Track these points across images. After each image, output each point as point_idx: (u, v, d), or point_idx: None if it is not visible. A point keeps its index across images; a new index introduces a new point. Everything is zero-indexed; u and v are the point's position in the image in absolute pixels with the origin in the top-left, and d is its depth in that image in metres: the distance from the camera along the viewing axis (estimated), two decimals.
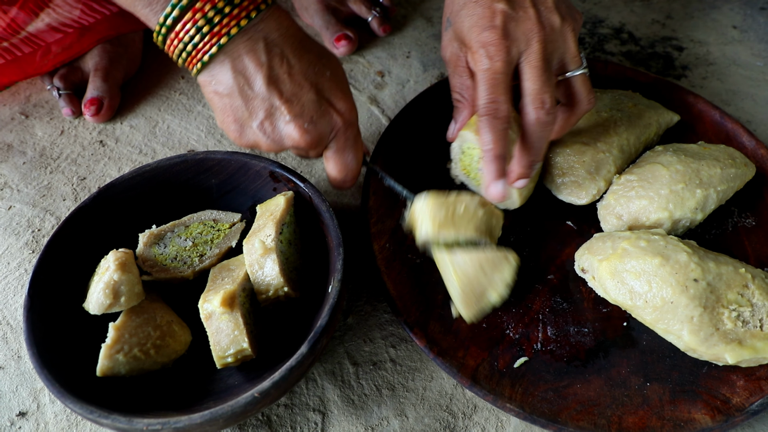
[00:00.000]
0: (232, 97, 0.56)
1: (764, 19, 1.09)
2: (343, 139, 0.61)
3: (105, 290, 0.55)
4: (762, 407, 0.56)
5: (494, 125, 0.60)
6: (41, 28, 0.79)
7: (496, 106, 0.60)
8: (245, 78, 0.55)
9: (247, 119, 0.57)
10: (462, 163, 0.72)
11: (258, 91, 0.56)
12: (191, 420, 0.48)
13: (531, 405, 0.57)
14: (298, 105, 0.57)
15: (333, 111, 0.59)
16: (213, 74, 0.56)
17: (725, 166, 0.68)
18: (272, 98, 0.56)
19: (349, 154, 0.62)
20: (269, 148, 0.59)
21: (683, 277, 0.57)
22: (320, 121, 0.58)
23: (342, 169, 0.63)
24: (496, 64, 0.60)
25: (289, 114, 0.57)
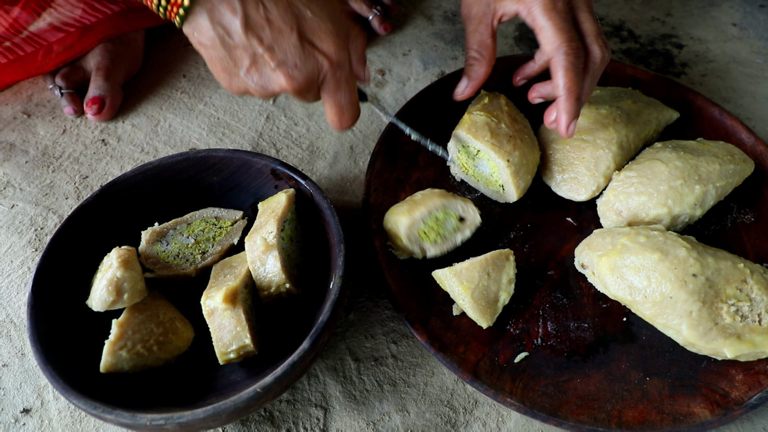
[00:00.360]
0: (215, 48, 0.55)
1: (764, 16, 1.09)
2: (333, 81, 0.59)
3: (108, 287, 0.55)
4: (760, 401, 0.57)
5: (576, 66, 0.61)
6: (43, 27, 0.80)
7: (576, 45, 0.61)
8: (223, 28, 0.54)
9: (233, 68, 0.56)
10: (460, 161, 0.72)
11: (238, 41, 0.54)
12: (194, 415, 0.49)
13: (531, 399, 0.57)
14: (281, 52, 0.55)
15: (318, 53, 0.57)
16: (194, 25, 0.54)
17: (724, 162, 0.69)
18: (254, 46, 0.55)
19: (342, 95, 0.60)
20: (260, 95, 0.58)
21: (682, 273, 0.58)
22: (305, 66, 0.56)
23: (337, 110, 0.61)
24: (558, 4, 0.61)
25: (272, 61, 0.55)
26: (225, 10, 0.53)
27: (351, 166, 0.81)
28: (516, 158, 0.68)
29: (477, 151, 0.69)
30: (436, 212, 0.66)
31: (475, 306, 0.60)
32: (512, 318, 0.63)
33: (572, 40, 0.61)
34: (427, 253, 0.65)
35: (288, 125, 0.86)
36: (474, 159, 0.70)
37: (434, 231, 0.66)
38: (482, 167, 0.70)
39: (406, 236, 0.64)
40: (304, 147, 0.83)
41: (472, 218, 0.66)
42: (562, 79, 0.61)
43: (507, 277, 0.62)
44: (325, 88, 0.60)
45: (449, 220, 0.66)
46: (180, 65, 0.94)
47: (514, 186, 0.68)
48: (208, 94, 0.90)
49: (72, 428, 0.59)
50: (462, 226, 0.66)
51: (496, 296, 0.61)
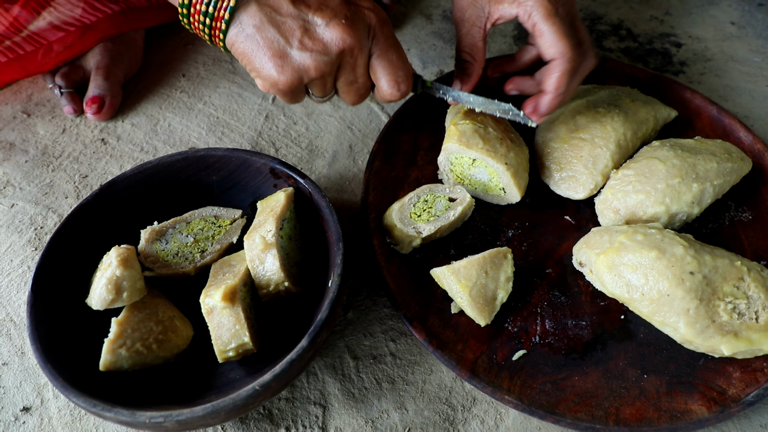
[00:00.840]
0: (264, 29, 0.56)
1: (762, 15, 1.09)
2: (382, 37, 0.59)
3: (107, 286, 0.55)
4: (758, 398, 0.57)
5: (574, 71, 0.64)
6: (43, 26, 0.80)
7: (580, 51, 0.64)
8: (270, 7, 0.55)
9: (284, 46, 0.56)
10: (454, 173, 0.72)
11: (287, 12, 0.56)
12: (193, 413, 0.49)
13: (529, 397, 0.57)
14: (329, 9, 0.56)
15: (362, 8, 0.59)
16: (240, 21, 0.56)
17: (721, 160, 0.69)
18: (302, 13, 0.56)
19: (394, 52, 0.61)
20: (318, 65, 0.57)
21: (679, 270, 0.58)
22: (355, 17, 0.57)
23: (393, 70, 0.61)
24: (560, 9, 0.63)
25: (323, 18, 0.56)
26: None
27: (350, 164, 0.81)
28: (512, 159, 0.68)
29: (473, 161, 0.69)
30: (423, 195, 0.68)
31: (473, 304, 0.60)
32: (510, 316, 0.63)
33: (576, 46, 0.63)
34: (422, 232, 0.66)
35: (287, 124, 0.86)
36: (470, 168, 0.70)
37: (426, 212, 0.67)
38: (479, 175, 0.70)
39: (398, 219, 0.65)
40: (303, 146, 0.83)
41: (462, 197, 0.68)
42: (557, 80, 0.63)
43: (505, 276, 0.62)
44: (376, 49, 0.60)
45: (439, 201, 0.68)
46: (179, 65, 0.94)
47: (516, 187, 0.69)
48: (207, 93, 0.90)
49: (72, 426, 0.59)
50: (453, 204, 0.68)
51: (494, 294, 0.61)
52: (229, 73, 0.93)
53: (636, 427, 0.55)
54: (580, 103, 0.76)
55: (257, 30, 0.56)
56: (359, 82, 0.62)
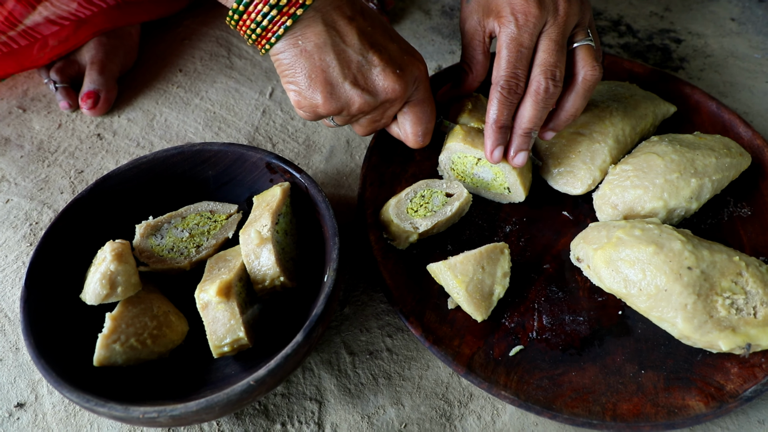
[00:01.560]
0: (324, 51, 0.56)
1: (762, 11, 1.09)
2: (423, 89, 0.63)
3: (102, 281, 0.55)
4: (755, 394, 0.57)
5: (508, 100, 0.62)
6: (38, 21, 0.80)
7: (516, 82, 0.61)
8: (337, 31, 0.56)
9: (338, 75, 0.57)
10: (454, 172, 0.72)
11: (351, 43, 0.56)
12: (187, 408, 0.48)
13: (526, 393, 0.57)
14: (387, 54, 0.58)
15: (415, 60, 0.61)
16: (300, 33, 0.55)
17: (720, 155, 0.68)
18: (364, 50, 0.57)
19: (428, 107, 0.64)
20: (362, 104, 0.59)
21: (677, 265, 0.57)
22: (407, 68, 0.59)
23: (423, 121, 0.64)
24: (523, 36, 0.60)
25: (381, 63, 0.58)
26: (339, 17, 0.56)
27: (347, 160, 0.81)
28: None
29: (477, 160, 0.69)
30: (420, 190, 0.68)
31: (469, 299, 0.60)
32: (507, 311, 0.63)
33: (512, 77, 0.61)
34: (418, 228, 0.65)
35: (284, 119, 0.85)
36: (473, 167, 0.70)
37: (423, 207, 0.67)
38: (483, 174, 0.70)
39: (395, 215, 0.65)
40: (300, 141, 0.83)
41: (459, 192, 0.67)
42: (491, 110, 0.62)
43: (502, 271, 0.62)
44: (414, 98, 0.63)
45: (436, 196, 0.67)
46: (176, 59, 0.94)
47: (522, 186, 0.68)
48: (204, 88, 0.90)
49: (66, 422, 0.59)
50: (450, 200, 0.67)
51: (491, 290, 0.61)
52: (226, 68, 0.93)
53: (633, 423, 0.55)
54: None
55: (318, 49, 0.56)
56: (382, 123, 0.65)
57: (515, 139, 0.64)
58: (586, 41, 0.64)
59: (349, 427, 0.58)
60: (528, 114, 0.62)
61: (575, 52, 0.64)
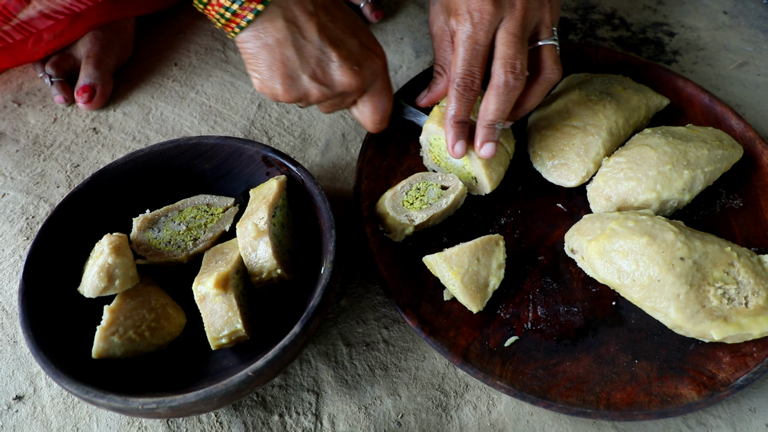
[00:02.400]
0: (284, 46, 0.58)
1: (754, 4, 1.09)
2: (381, 81, 0.65)
3: (99, 273, 0.55)
4: (747, 382, 0.58)
5: (465, 97, 0.64)
6: (33, 15, 0.79)
7: (471, 79, 0.63)
8: (297, 27, 0.58)
9: (298, 69, 0.59)
10: (432, 154, 0.72)
11: (311, 39, 0.58)
12: (186, 399, 0.49)
13: (521, 382, 0.58)
14: (345, 49, 0.60)
15: (374, 55, 0.63)
16: (261, 27, 0.57)
17: (712, 147, 0.69)
18: (323, 45, 0.59)
19: (385, 97, 0.67)
20: (319, 96, 0.62)
21: (670, 256, 0.58)
22: (365, 63, 0.62)
23: (380, 110, 0.67)
24: (478, 34, 0.62)
25: (339, 59, 0.60)
26: (300, 12, 0.58)
27: (343, 153, 0.81)
28: None
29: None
30: (416, 183, 0.68)
31: (465, 291, 0.60)
32: (502, 303, 0.64)
33: (468, 74, 0.63)
34: (414, 220, 0.65)
35: (280, 113, 0.86)
36: (446, 151, 0.70)
37: (418, 200, 0.67)
38: (454, 159, 0.70)
39: (391, 207, 0.66)
40: (296, 135, 0.83)
41: (455, 185, 0.68)
42: (450, 106, 0.64)
43: (497, 262, 0.62)
44: (372, 90, 0.65)
45: (431, 189, 0.68)
46: (171, 54, 0.94)
47: (486, 177, 0.68)
48: (199, 82, 0.90)
49: (65, 414, 0.59)
50: (445, 192, 0.68)
51: (486, 281, 0.61)
52: (222, 62, 0.93)
53: (627, 411, 0.56)
54: (572, 92, 0.76)
55: (278, 44, 0.58)
56: (342, 107, 0.68)
57: (479, 131, 0.65)
58: (550, 41, 0.66)
59: (346, 418, 0.59)
60: (491, 107, 0.64)
61: (539, 51, 0.66)
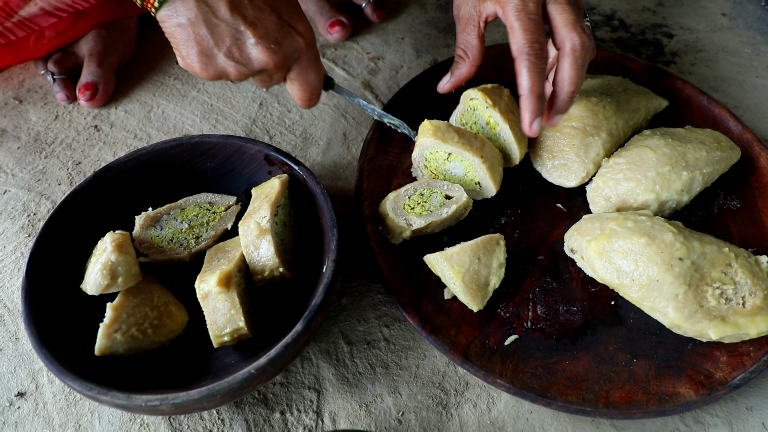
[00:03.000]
0: (196, 25, 0.57)
1: (753, 6, 1.10)
2: (305, 59, 0.63)
3: (102, 271, 0.56)
4: (744, 381, 0.58)
5: (538, 66, 0.62)
6: (35, 12, 0.79)
7: (539, 46, 0.62)
8: (208, 5, 0.56)
9: (212, 48, 0.58)
10: (428, 169, 0.72)
11: (222, 17, 0.57)
12: (189, 396, 0.49)
13: (521, 381, 0.58)
14: (262, 27, 0.58)
15: (294, 32, 0.61)
16: (173, 6, 0.56)
17: (711, 149, 0.70)
18: (236, 23, 0.57)
19: (312, 74, 0.64)
20: (238, 74, 0.60)
21: (668, 256, 0.59)
22: (284, 41, 0.60)
23: (307, 88, 0.64)
24: (529, 5, 0.62)
25: (254, 36, 0.58)
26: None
27: (344, 152, 0.81)
28: (487, 153, 0.68)
29: (448, 155, 0.69)
30: (421, 188, 0.68)
31: (465, 290, 0.61)
32: (503, 302, 0.64)
33: (535, 42, 0.62)
34: (412, 225, 0.66)
35: (281, 112, 0.86)
36: (445, 163, 0.70)
37: (420, 205, 0.67)
38: (455, 169, 0.70)
39: (391, 209, 0.66)
40: (297, 134, 0.83)
41: (459, 196, 0.67)
42: (524, 79, 0.62)
43: (497, 262, 0.63)
44: (296, 68, 0.63)
45: (435, 196, 0.68)
46: (173, 52, 0.94)
47: (492, 180, 0.68)
48: (201, 81, 0.90)
49: (67, 411, 0.59)
50: (449, 202, 0.67)
51: (487, 280, 0.62)
52: None
53: (625, 410, 0.56)
54: None
55: (190, 24, 0.57)
56: (273, 83, 0.65)
57: (558, 104, 0.64)
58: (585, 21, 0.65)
59: (347, 416, 0.59)
60: (569, 75, 0.63)
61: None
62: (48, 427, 0.58)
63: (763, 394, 0.62)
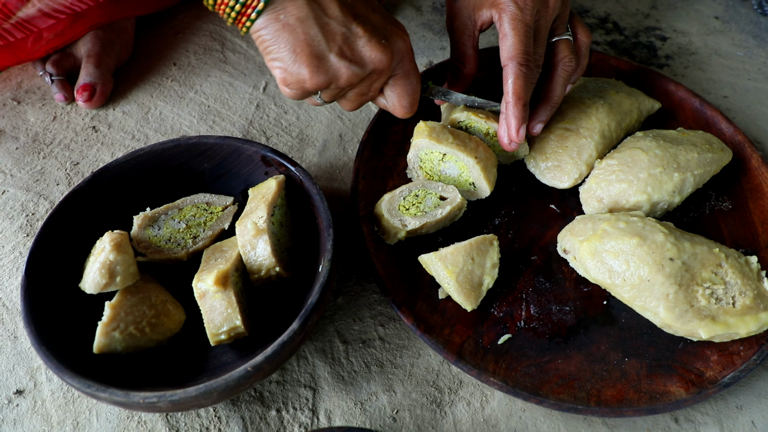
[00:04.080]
0: (306, 24, 0.54)
1: (745, 10, 1.11)
2: (408, 60, 0.62)
3: (101, 270, 0.56)
4: (734, 380, 0.59)
5: (528, 75, 0.64)
6: (33, 13, 0.80)
7: (529, 57, 0.64)
8: (318, 4, 0.55)
9: (324, 47, 0.56)
10: (423, 170, 0.72)
11: (334, 15, 0.55)
12: (186, 393, 0.50)
13: (514, 379, 0.59)
14: (370, 24, 0.58)
15: (398, 31, 0.60)
16: (281, 7, 0.54)
17: (702, 150, 0.71)
18: (347, 21, 0.56)
19: (414, 77, 0.64)
20: (350, 76, 0.58)
21: (660, 257, 0.60)
22: (391, 38, 0.59)
23: (411, 92, 0.64)
24: (527, 17, 0.64)
25: (366, 34, 0.57)
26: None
27: (340, 153, 0.82)
28: (482, 154, 0.69)
29: (443, 156, 0.70)
30: (415, 189, 0.69)
31: (459, 289, 0.62)
32: (496, 301, 0.65)
33: (527, 52, 0.64)
34: (407, 225, 0.66)
35: (278, 113, 0.87)
36: (440, 164, 0.71)
37: (414, 206, 0.67)
38: (449, 170, 0.71)
39: (386, 210, 0.66)
40: (293, 135, 0.84)
41: (453, 197, 0.68)
42: (511, 86, 0.63)
43: (491, 262, 0.63)
44: (400, 70, 0.62)
45: (429, 198, 0.68)
46: (170, 53, 0.94)
47: (486, 181, 0.69)
48: (198, 82, 0.91)
49: (65, 409, 0.60)
50: (443, 203, 0.68)
51: (480, 280, 0.63)
52: (220, 62, 0.94)
53: (617, 408, 0.57)
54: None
55: (300, 23, 0.54)
56: (369, 96, 0.64)
57: (543, 112, 0.68)
58: (565, 35, 0.69)
59: (342, 413, 0.60)
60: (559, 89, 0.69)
61: (556, 45, 0.68)
62: (46, 425, 0.59)
63: (753, 393, 0.63)
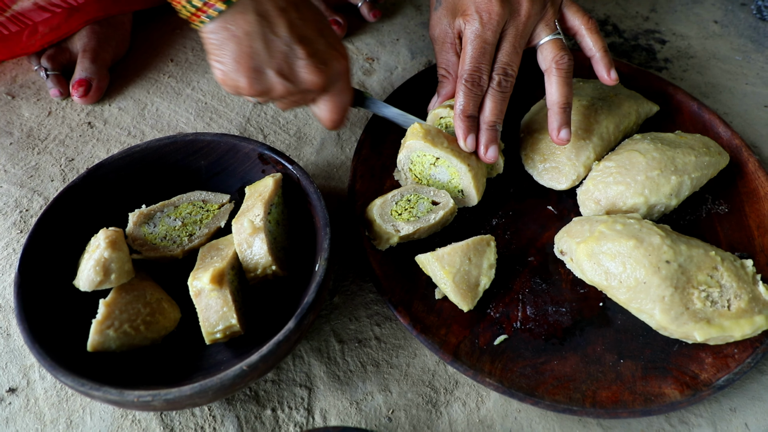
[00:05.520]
0: (252, 39, 0.57)
1: (744, 14, 1.12)
2: (344, 81, 0.66)
3: (95, 267, 0.56)
4: (728, 382, 0.59)
5: (473, 92, 0.66)
6: (28, 7, 0.79)
7: (479, 75, 0.66)
8: (268, 21, 0.57)
9: (264, 63, 0.59)
10: (413, 173, 0.72)
11: (280, 34, 0.58)
12: (181, 392, 0.50)
13: (510, 380, 0.59)
14: (312, 48, 0.61)
15: (339, 55, 0.64)
16: (231, 19, 0.57)
17: (700, 154, 0.71)
18: (291, 42, 0.59)
19: (345, 96, 0.68)
20: (282, 91, 0.62)
21: (656, 259, 0.60)
22: (331, 62, 0.63)
23: (339, 109, 0.68)
24: (487, 33, 0.65)
25: (306, 56, 0.60)
26: (271, 6, 0.58)
27: (337, 152, 0.82)
28: (474, 162, 0.68)
29: (435, 159, 0.69)
30: (407, 194, 0.69)
31: (456, 290, 0.61)
32: (493, 302, 0.65)
33: (476, 71, 0.66)
34: (400, 231, 0.66)
35: (275, 111, 0.86)
36: (431, 168, 0.70)
37: (407, 211, 0.67)
38: (440, 175, 0.70)
39: (378, 215, 0.66)
40: (291, 133, 0.84)
41: (446, 202, 0.68)
42: (457, 101, 0.67)
43: (488, 263, 0.63)
44: (333, 89, 0.66)
45: (422, 203, 0.68)
46: (167, 49, 0.94)
47: (475, 189, 0.69)
48: (195, 78, 0.90)
49: (58, 407, 0.60)
50: (435, 207, 0.68)
51: (477, 281, 0.63)
52: None
53: (612, 409, 0.57)
54: None
55: (246, 37, 0.57)
56: (301, 104, 0.68)
57: (483, 134, 0.68)
58: (554, 35, 0.69)
59: (338, 413, 0.60)
60: (489, 106, 0.67)
61: (542, 49, 0.69)
62: (39, 423, 0.58)
63: (747, 396, 0.63)
